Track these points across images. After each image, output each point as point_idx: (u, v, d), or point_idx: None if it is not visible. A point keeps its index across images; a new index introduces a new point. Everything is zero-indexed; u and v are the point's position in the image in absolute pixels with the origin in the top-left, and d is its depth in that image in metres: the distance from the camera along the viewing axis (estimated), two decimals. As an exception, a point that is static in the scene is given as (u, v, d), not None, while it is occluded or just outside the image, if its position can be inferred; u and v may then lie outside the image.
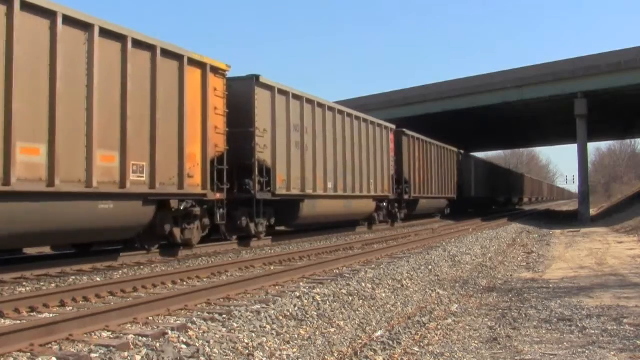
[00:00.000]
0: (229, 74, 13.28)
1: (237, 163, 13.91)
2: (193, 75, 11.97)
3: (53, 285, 8.74)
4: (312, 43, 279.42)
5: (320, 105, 17.50)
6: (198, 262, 11.86)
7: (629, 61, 27.95)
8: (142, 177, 10.53)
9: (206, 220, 12.83)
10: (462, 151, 36.09)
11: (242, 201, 14.21)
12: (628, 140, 79.48)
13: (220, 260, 11.91)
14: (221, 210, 12.98)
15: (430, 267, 11.21)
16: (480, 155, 58.09)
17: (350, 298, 7.74)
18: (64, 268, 9.99)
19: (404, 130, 25.38)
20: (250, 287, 8.24)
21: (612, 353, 5.61)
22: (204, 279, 9.46)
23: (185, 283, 9.02)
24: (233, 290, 7.93)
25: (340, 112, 18.83)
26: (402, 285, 9.17)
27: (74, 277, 9.39)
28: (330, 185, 17.69)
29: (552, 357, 5.57)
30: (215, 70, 12.73)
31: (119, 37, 10.11)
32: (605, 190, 73.44)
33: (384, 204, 23.17)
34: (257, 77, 14.34)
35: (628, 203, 39.14)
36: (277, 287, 8.52)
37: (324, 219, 18.61)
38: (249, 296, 7.80)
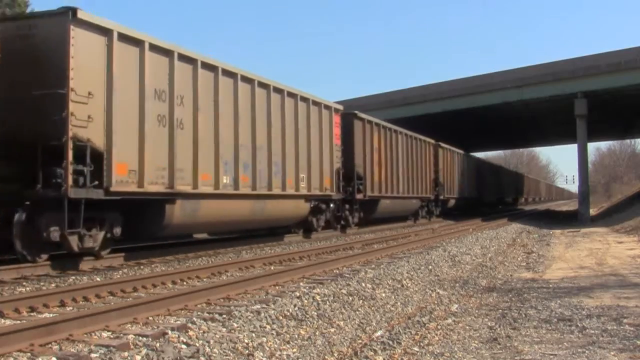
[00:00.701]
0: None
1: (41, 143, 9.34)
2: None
3: (53, 285, 8.73)
4: (311, 43, 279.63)
5: (208, 66, 12.40)
6: (198, 262, 11.86)
7: (629, 61, 27.97)
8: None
9: None
10: (440, 143, 31.30)
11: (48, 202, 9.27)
12: (628, 140, 79.57)
13: (220, 260, 11.91)
14: None
15: (430, 267, 11.21)
16: (480, 155, 58.07)
17: (350, 298, 7.74)
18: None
19: (356, 112, 20.57)
20: (250, 287, 8.24)
21: (612, 353, 5.61)
22: (204, 279, 9.46)
23: (185, 283, 9.02)
24: (233, 290, 7.93)
25: (247, 79, 13.78)
26: (402, 285, 9.18)
27: (74, 277, 9.39)
28: (226, 180, 12.87)
29: (552, 357, 5.57)
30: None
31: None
32: (605, 190, 73.47)
33: (327, 206, 18.46)
34: (74, 10, 9.36)
35: (628, 203, 39.14)
36: (277, 287, 8.52)
37: (217, 227, 14.57)
38: (249, 296, 7.80)
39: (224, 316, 6.26)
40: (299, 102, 16.16)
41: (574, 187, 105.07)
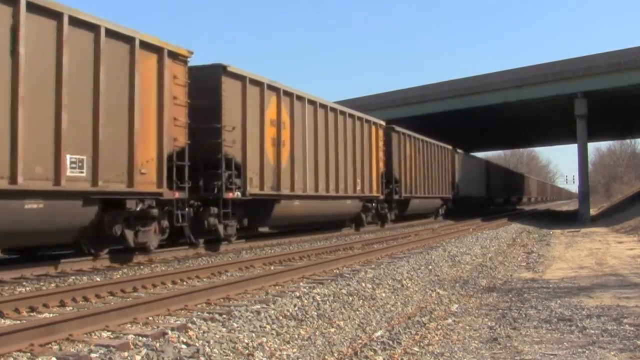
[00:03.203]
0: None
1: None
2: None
3: (53, 285, 8.73)
4: (310, 44, 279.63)
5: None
6: (198, 262, 11.86)
7: (629, 61, 27.98)
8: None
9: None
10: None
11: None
12: (628, 140, 79.54)
13: (220, 260, 11.91)
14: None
15: (430, 267, 11.22)
16: (480, 155, 58.07)
17: (350, 298, 7.74)
18: (64, 268, 10.00)
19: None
20: (250, 287, 8.24)
21: (612, 353, 5.61)
22: (204, 279, 9.46)
23: (185, 283, 9.02)
24: (233, 290, 7.93)
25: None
26: (402, 285, 9.18)
27: (74, 277, 9.39)
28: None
29: (552, 357, 5.57)
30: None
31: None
32: (605, 190, 73.42)
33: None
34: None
35: (628, 203, 39.15)
36: (277, 287, 8.52)
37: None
38: (249, 296, 7.80)
39: (224, 316, 6.26)
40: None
41: (574, 187, 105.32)
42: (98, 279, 9.32)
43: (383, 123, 22.43)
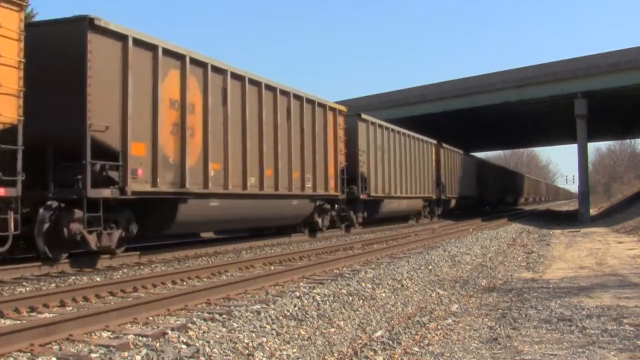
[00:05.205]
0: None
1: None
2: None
3: (53, 285, 8.74)
4: (312, 44, 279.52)
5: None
6: (198, 262, 11.86)
7: (629, 61, 27.98)
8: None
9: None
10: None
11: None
12: (628, 140, 79.58)
13: (220, 260, 11.91)
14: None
15: (430, 267, 11.22)
16: (480, 155, 58.02)
17: (350, 298, 7.74)
18: (64, 268, 9.99)
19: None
20: (250, 287, 8.24)
21: (612, 353, 5.61)
22: (204, 279, 9.46)
23: (185, 283, 9.02)
24: (233, 290, 7.93)
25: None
26: (402, 285, 9.18)
27: (74, 277, 9.40)
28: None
29: (552, 357, 5.57)
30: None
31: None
32: (605, 190, 73.42)
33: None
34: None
35: (628, 203, 39.15)
36: (277, 287, 8.52)
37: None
38: (249, 296, 7.80)
39: (224, 316, 6.26)
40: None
41: (574, 187, 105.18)
42: (98, 279, 9.32)
43: (344, 109, 18.96)
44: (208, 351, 5.01)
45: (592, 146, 73.78)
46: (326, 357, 5.58)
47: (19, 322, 6.07)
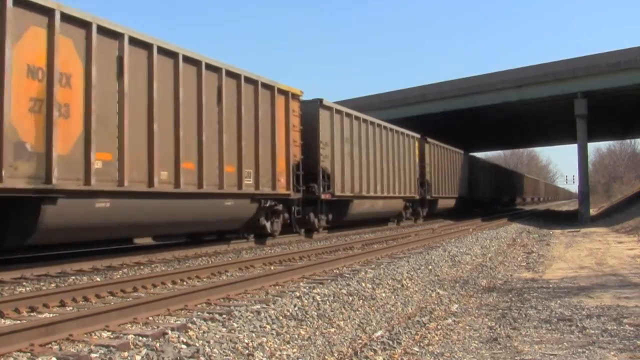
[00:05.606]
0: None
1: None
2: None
3: (53, 285, 8.74)
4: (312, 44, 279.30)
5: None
6: (198, 262, 11.86)
7: (629, 61, 27.97)
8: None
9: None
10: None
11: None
12: (628, 140, 79.58)
13: (220, 260, 11.91)
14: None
15: (430, 267, 11.22)
16: (480, 155, 57.97)
17: (350, 298, 7.74)
18: (64, 268, 10.00)
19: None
20: (250, 287, 8.24)
21: (612, 353, 5.61)
22: (204, 279, 9.46)
23: (185, 283, 9.03)
24: (233, 290, 7.93)
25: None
26: (402, 285, 9.18)
27: (74, 277, 9.40)
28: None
29: (552, 357, 5.57)
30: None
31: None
32: (605, 190, 73.42)
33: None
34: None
35: (628, 203, 39.14)
36: (277, 287, 8.52)
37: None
38: (249, 296, 7.80)
39: (224, 316, 6.27)
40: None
41: (573, 187, 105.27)
42: (98, 279, 9.32)
43: (298, 91, 16.10)
44: (208, 351, 5.01)
45: (592, 146, 73.97)
46: (326, 357, 5.58)
47: (19, 322, 6.07)
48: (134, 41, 10.42)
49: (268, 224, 15.13)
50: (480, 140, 55.91)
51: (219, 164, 12.62)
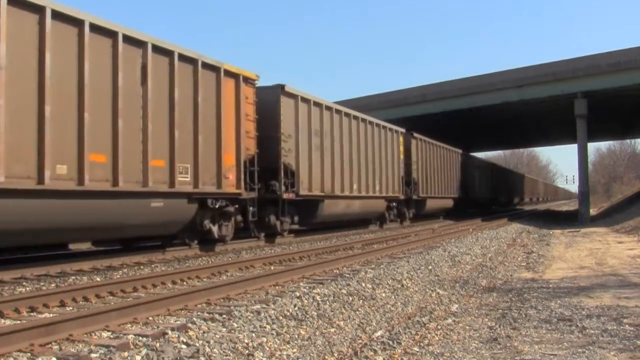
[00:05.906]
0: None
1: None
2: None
3: (53, 285, 8.74)
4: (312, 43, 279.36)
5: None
6: (198, 262, 11.86)
7: (629, 61, 27.97)
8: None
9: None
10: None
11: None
12: (628, 140, 79.57)
13: (220, 260, 11.91)
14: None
15: (430, 267, 11.22)
16: (480, 155, 57.95)
17: (350, 298, 7.74)
18: (64, 268, 10.00)
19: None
20: (250, 287, 8.24)
21: (612, 353, 5.61)
22: (204, 279, 9.46)
23: (185, 283, 9.02)
24: (233, 290, 7.93)
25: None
26: (402, 285, 9.18)
27: (74, 277, 9.40)
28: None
29: (552, 357, 5.57)
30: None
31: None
32: (605, 190, 73.42)
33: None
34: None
35: (628, 203, 39.14)
36: (277, 287, 8.52)
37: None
38: (249, 296, 7.80)
39: (224, 316, 6.27)
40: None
41: (573, 187, 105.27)
42: (98, 279, 9.32)
43: (253, 75, 14.01)
44: (208, 351, 5.01)
45: (592, 146, 73.89)
46: (326, 357, 5.58)
47: (19, 322, 6.07)
48: (17, 3, 8.47)
49: (215, 228, 12.92)
50: (481, 140, 55.90)
51: (142, 156, 10.61)
